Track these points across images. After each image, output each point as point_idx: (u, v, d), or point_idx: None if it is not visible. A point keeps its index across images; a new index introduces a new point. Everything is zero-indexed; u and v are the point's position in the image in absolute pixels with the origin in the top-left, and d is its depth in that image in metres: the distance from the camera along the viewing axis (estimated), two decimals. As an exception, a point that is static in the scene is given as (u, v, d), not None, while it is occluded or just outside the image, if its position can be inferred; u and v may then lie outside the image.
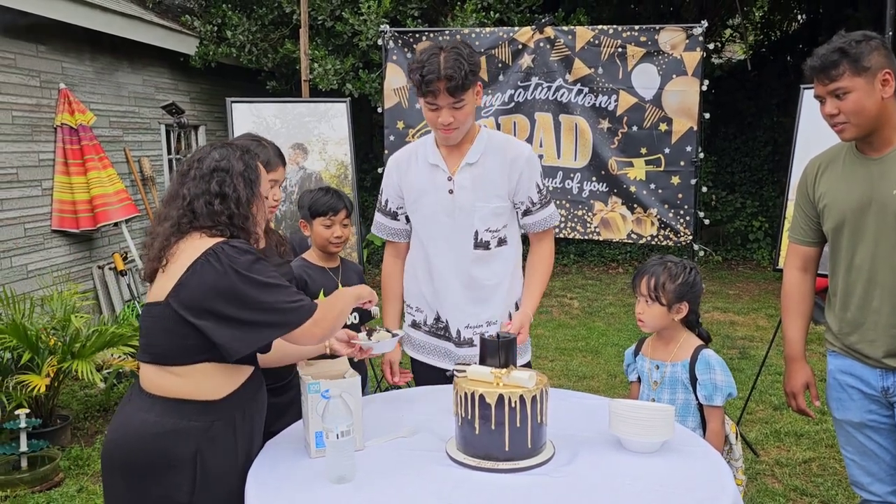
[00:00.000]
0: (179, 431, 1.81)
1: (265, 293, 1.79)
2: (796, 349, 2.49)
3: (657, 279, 2.37)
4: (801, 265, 2.48)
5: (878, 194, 2.18)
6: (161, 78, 7.94)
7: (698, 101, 4.14)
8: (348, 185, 4.65)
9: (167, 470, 1.80)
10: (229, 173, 1.90)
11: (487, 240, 2.54)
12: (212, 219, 1.85)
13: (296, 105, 4.71)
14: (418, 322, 2.72)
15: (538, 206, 2.58)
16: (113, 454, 1.86)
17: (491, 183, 2.51)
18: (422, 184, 2.56)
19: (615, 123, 4.26)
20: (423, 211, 2.57)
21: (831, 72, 2.14)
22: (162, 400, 1.83)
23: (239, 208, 1.88)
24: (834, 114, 2.18)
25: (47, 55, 6.07)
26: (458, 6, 7.55)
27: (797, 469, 3.86)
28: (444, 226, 2.54)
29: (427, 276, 2.62)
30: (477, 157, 2.50)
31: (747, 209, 10.20)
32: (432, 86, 2.31)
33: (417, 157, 2.58)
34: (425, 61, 2.32)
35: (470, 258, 2.54)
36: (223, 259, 1.77)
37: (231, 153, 1.94)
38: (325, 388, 1.94)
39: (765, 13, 13.06)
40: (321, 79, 7.56)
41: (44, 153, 5.97)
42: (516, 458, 1.85)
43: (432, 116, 2.41)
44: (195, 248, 1.80)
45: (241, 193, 1.90)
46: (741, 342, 6.28)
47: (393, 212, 2.67)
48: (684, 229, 4.25)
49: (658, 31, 4.13)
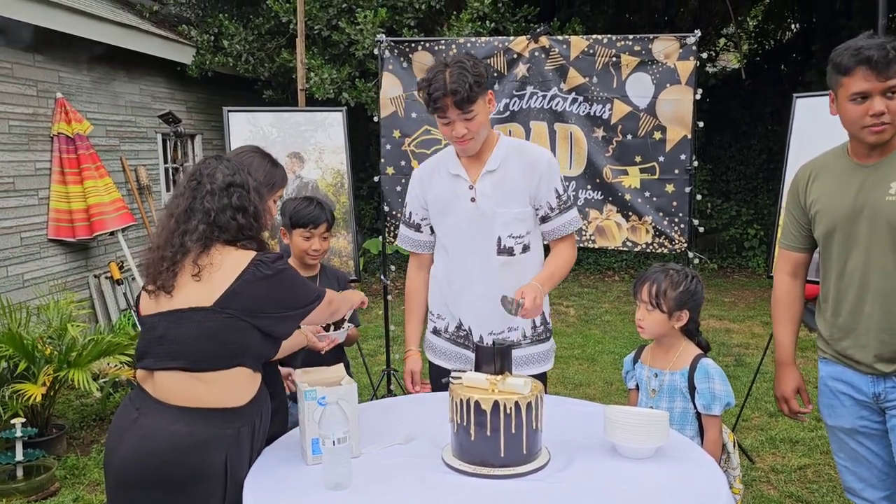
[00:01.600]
0: (212, 440, 1.85)
1: (304, 287, 2.03)
2: (786, 354, 2.51)
3: (659, 286, 2.37)
4: (791, 270, 2.50)
5: (872, 201, 2.18)
6: (158, 87, 7.96)
7: (692, 110, 4.16)
8: (345, 193, 4.67)
9: (201, 481, 1.83)
10: (245, 188, 2.01)
11: (511, 246, 2.56)
12: (239, 232, 1.97)
13: (292, 114, 4.72)
14: (439, 329, 2.74)
15: (556, 211, 2.58)
16: (140, 470, 1.84)
17: (512, 188, 2.54)
18: (445, 195, 2.60)
19: (610, 132, 4.28)
20: (447, 221, 2.61)
21: (893, 67, 2.04)
22: (189, 410, 1.86)
23: (256, 220, 2.02)
24: (882, 112, 2.07)
25: (44, 65, 6.09)
26: (455, 16, 7.59)
27: (792, 476, 3.87)
28: (468, 234, 2.57)
29: (450, 284, 2.65)
30: (497, 164, 2.53)
31: (742, 217, 10.24)
32: (440, 102, 2.37)
33: (440, 170, 2.63)
34: (431, 79, 2.39)
35: (495, 265, 2.56)
36: (271, 268, 1.93)
37: (238, 169, 2.04)
38: (322, 395, 1.95)
39: (759, 22, 13.15)
40: (317, 88, 7.59)
41: (40, 162, 5.98)
42: (512, 464, 1.86)
43: (447, 131, 2.46)
44: (237, 259, 1.92)
45: (258, 207, 2.03)
46: (737, 349, 6.30)
47: (417, 224, 2.73)
48: (679, 237, 4.27)
49: (652, 41, 4.17)
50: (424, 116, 4.44)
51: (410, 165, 4.47)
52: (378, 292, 7.83)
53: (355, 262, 4.71)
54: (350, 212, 4.69)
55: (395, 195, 4.53)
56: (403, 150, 4.47)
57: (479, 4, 7.46)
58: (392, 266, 5.02)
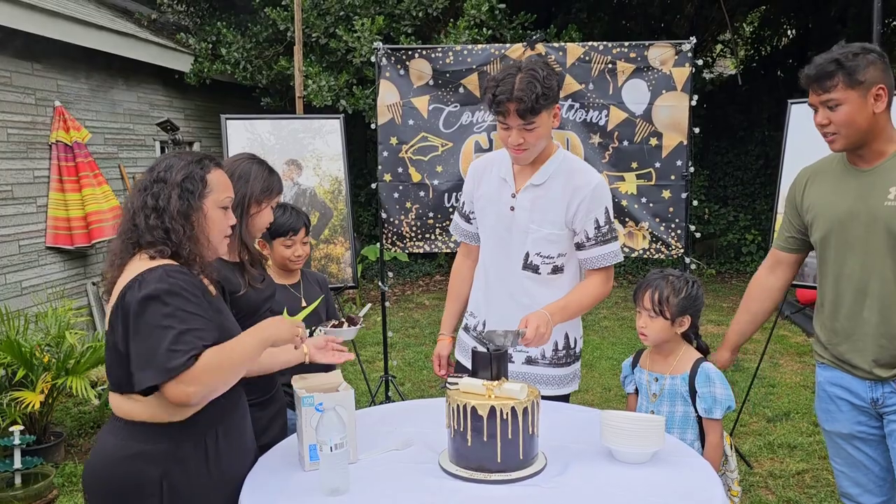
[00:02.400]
0: (145, 455, 1.77)
1: (146, 334, 1.70)
2: (727, 338, 2.63)
3: (661, 293, 2.36)
4: (770, 264, 2.55)
5: (869, 205, 2.19)
6: (156, 95, 7.98)
7: (688, 116, 4.18)
8: (342, 200, 4.68)
9: (136, 495, 1.77)
10: (167, 184, 1.83)
11: (537, 264, 2.50)
12: (151, 234, 1.80)
13: (290, 121, 4.74)
14: (470, 326, 2.71)
15: (592, 242, 2.46)
16: (88, 480, 1.86)
17: (550, 208, 2.46)
18: (490, 195, 2.57)
19: (606, 138, 4.30)
20: (487, 221, 2.59)
21: (825, 82, 2.14)
22: (127, 424, 1.80)
23: (173, 222, 1.81)
24: (824, 124, 2.18)
25: (43, 73, 6.11)
26: (452, 23, 7.61)
27: (790, 481, 3.87)
28: (501, 240, 2.55)
29: (484, 283, 2.64)
30: (543, 179, 2.46)
31: (740, 222, 10.26)
32: (503, 106, 2.29)
33: (493, 168, 2.58)
34: (500, 80, 2.30)
35: (518, 277, 2.53)
36: (137, 288, 1.72)
37: (178, 163, 1.87)
38: (319, 401, 1.95)
39: (755, 29, 13.22)
40: (315, 95, 7.61)
41: (39, 170, 5.99)
42: (508, 469, 1.86)
43: (504, 135, 2.39)
44: (131, 272, 1.77)
45: (174, 205, 1.81)
46: (734, 355, 6.30)
47: (467, 214, 2.70)
48: (676, 243, 4.28)
49: (647, 48, 4.19)
50: (421, 124, 4.46)
51: (408, 172, 4.49)
52: (376, 299, 7.84)
53: (353, 268, 4.72)
54: (348, 219, 4.70)
55: (392, 202, 4.54)
56: (401, 157, 4.49)
57: (476, 12, 7.49)
58: (390, 273, 5.04)
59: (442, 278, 9.57)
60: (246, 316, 2.39)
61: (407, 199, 4.52)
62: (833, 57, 2.14)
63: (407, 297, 8.79)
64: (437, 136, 4.46)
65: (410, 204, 4.52)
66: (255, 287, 2.40)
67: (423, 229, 4.55)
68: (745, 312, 2.59)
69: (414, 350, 6.47)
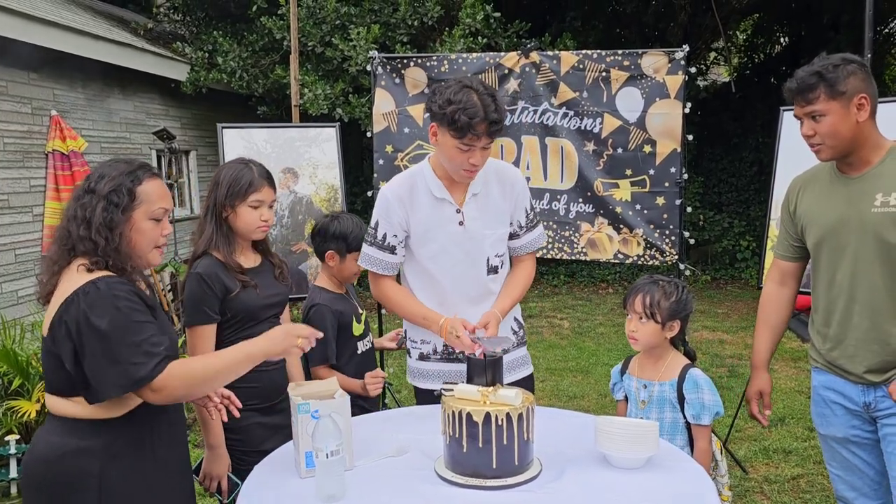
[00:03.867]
0: (83, 451, 1.80)
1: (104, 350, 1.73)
2: (759, 358, 2.58)
3: (652, 297, 2.39)
4: (779, 278, 2.54)
5: (858, 212, 2.22)
6: (152, 104, 8.00)
7: (681, 124, 4.21)
8: (338, 208, 4.69)
9: (72, 491, 1.80)
10: (95, 195, 1.84)
11: (496, 265, 2.59)
12: (82, 244, 1.82)
13: (287, 130, 4.75)
14: (426, 353, 2.68)
15: (525, 229, 2.64)
16: (26, 479, 1.87)
17: (496, 210, 2.56)
18: (430, 219, 2.52)
19: (600, 146, 4.32)
20: (432, 245, 2.53)
21: (807, 95, 2.19)
22: (66, 422, 1.83)
23: (98, 235, 1.81)
24: (810, 135, 2.23)
25: (39, 82, 6.12)
26: (447, 32, 7.65)
27: (786, 486, 3.88)
28: (457, 257, 2.54)
29: (437, 304, 2.55)
30: (480, 187, 2.53)
31: (735, 229, 10.30)
32: (477, 128, 2.27)
33: (418, 190, 2.52)
34: (464, 101, 2.26)
35: (484, 283, 2.58)
36: (82, 303, 1.74)
37: (110, 173, 1.87)
38: (315, 408, 1.96)
39: (748, 36, 13.30)
40: (311, 104, 7.63)
41: (35, 179, 6.00)
42: (504, 475, 1.87)
43: (462, 158, 2.34)
44: (71, 284, 1.78)
45: (98, 217, 1.81)
46: (730, 360, 6.33)
47: (392, 246, 2.56)
48: (670, 249, 4.31)
49: (641, 56, 4.22)
50: (416, 132, 4.48)
51: (403, 180, 4.50)
52: (372, 306, 7.84)
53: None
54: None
55: (388, 210, 4.55)
56: (396, 165, 4.50)
57: (471, 20, 7.53)
58: (386, 280, 5.03)
59: (438, 286, 9.55)
60: (244, 319, 2.40)
61: (403, 207, 4.53)
62: (814, 69, 2.19)
63: (403, 304, 8.82)
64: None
65: (406, 212, 4.53)
66: (251, 288, 2.40)
67: (419, 237, 4.56)
68: (767, 329, 2.57)
69: (410, 357, 6.46)
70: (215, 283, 2.34)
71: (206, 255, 2.39)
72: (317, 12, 7.91)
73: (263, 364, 2.42)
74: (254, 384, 2.41)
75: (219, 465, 2.36)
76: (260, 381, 2.42)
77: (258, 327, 2.43)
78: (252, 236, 2.45)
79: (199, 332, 2.35)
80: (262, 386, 2.44)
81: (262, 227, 2.45)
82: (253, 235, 2.45)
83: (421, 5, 7.78)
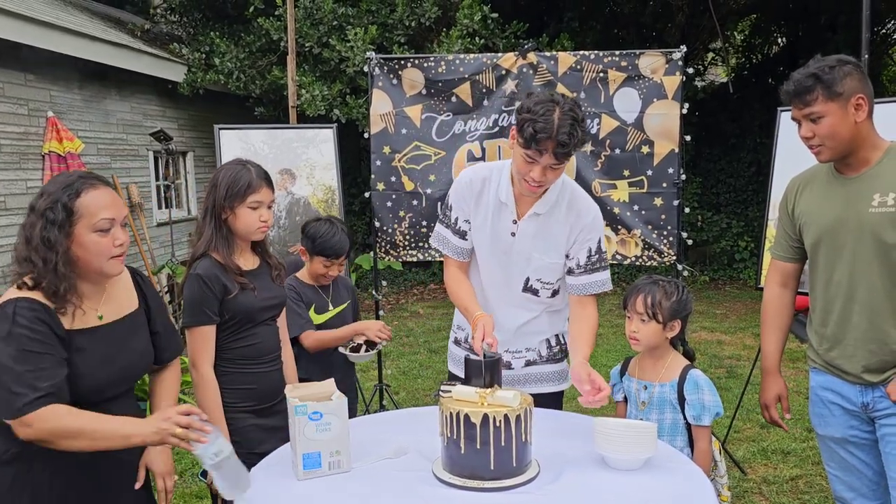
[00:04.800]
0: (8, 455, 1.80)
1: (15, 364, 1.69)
2: (771, 362, 2.56)
3: (653, 297, 2.39)
4: (781, 280, 2.53)
5: (855, 212, 2.22)
6: (149, 105, 7.99)
7: (679, 124, 4.21)
8: (335, 209, 4.69)
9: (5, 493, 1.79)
10: (34, 212, 1.79)
11: (537, 288, 2.53)
12: (23, 266, 1.79)
13: (284, 131, 4.75)
14: (460, 339, 2.72)
15: (582, 270, 2.50)
16: None
17: (552, 238, 2.47)
18: (488, 216, 2.50)
19: (598, 146, 4.32)
20: (482, 243, 2.53)
21: (805, 97, 2.18)
22: None
23: (34, 254, 1.78)
24: (809, 137, 2.22)
25: (35, 84, 6.12)
26: (444, 32, 7.65)
27: (784, 487, 3.88)
28: (500, 262, 2.52)
29: (482, 300, 2.56)
30: (546, 209, 2.45)
31: (733, 229, 10.30)
32: (542, 144, 2.20)
33: (491, 185, 2.50)
34: (539, 115, 2.20)
35: (518, 299, 2.54)
36: None
37: (49, 189, 1.81)
38: (313, 409, 1.96)
39: (746, 37, 13.32)
40: (309, 104, 7.63)
41: (32, 181, 5.98)
42: (502, 476, 1.87)
43: (525, 168, 2.29)
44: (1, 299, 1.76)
45: (36, 237, 1.77)
46: (728, 361, 6.33)
47: (462, 231, 2.56)
48: (668, 250, 4.30)
49: (638, 56, 4.22)
50: (414, 133, 4.47)
51: (401, 181, 4.50)
52: (370, 308, 7.84)
53: (346, 277, 4.72)
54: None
55: (385, 211, 4.55)
56: (393, 166, 4.50)
57: (469, 21, 7.53)
58: (384, 281, 5.04)
59: (436, 287, 9.57)
60: (241, 321, 2.40)
61: (400, 208, 4.53)
62: (810, 71, 2.19)
63: (401, 305, 8.77)
64: (430, 144, 4.48)
65: (404, 213, 4.53)
66: (249, 291, 2.40)
67: (417, 238, 4.56)
68: (775, 332, 2.56)
69: (408, 359, 6.46)
70: (215, 285, 2.33)
71: (206, 256, 2.39)
72: (314, 13, 7.90)
73: (259, 365, 2.44)
74: (250, 386, 2.41)
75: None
76: (256, 382, 2.42)
77: (255, 329, 2.43)
78: (252, 237, 2.45)
79: (199, 333, 2.35)
80: (258, 387, 2.43)
81: (262, 228, 2.45)
82: (252, 236, 2.45)
83: (418, 6, 7.78)
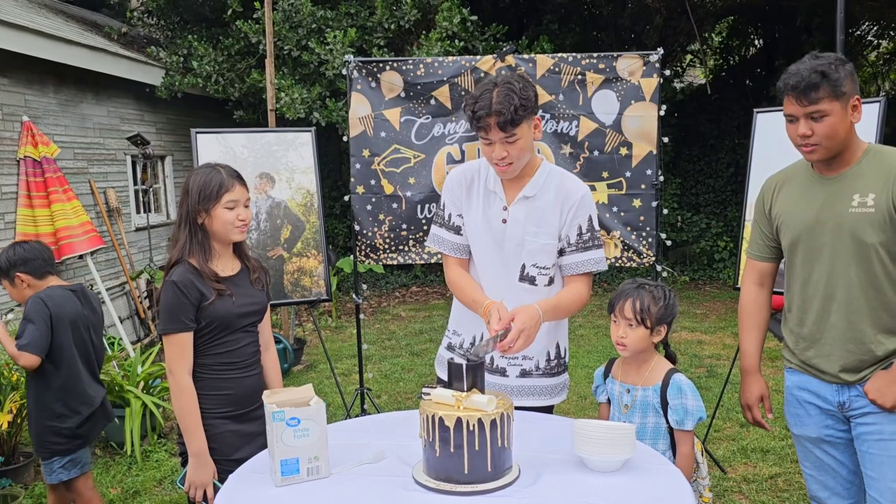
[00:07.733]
0: None
1: None
2: (751, 362, 2.56)
3: (642, 302, 2.37)
4: (758, 280, 2.54)
5: (834, 212, 2.22)
6: (126, 109, 7.92)
7: (657, 126, 4.23)
8: (315, 213, 4.67)
9: None
10: None
11: (534, 275, 2.51)
12: None
13: (263, 134, 4.72)
14: (454, 345, 2.70)
15: (574, 248, 2.51)
16: None
17: (544, 219, 2.48)
18: (479, 207, 2.54)
19: (577, 148, 4.34)
20: (475, 235, 2.55)
21: (811, 94, 2.12)
22: None
23: None
24: (808, 135, 2.17)
25: (10, 88, 6.04)
26: (424, 35, 7.65)
27: (764, 485, 3.91)
28: (493, 254, 2.52)
29: None
30: (535, 192, 2.47)
31: (712, 229, 10.39)
32: (483, 122, 2.31)
33: (480, 177, 2.56)
34: (478, 97, 2.32)
35: (515, 290, 2.51)
36: None
37: None
38: (291, 415, 1.94)
39: (723, 39, 13.43)
40: (288, 108, 7.59)
41: (7, 186, 5.91)
42: (476, 481, 1.86)
43: (487, 151, 2.38)
44: None
45: None
46: (708, 361, 6.37)
47: (457, 226, 2.60)
48: (647, 251, 4.33)
49: (616, 59, 4.24)
50: (393, 136, 4.47)
51: (380, 184, 4.49)
52: (351, 311, 7.81)
53: (326, 281, 4.70)
54: (320, 232, 4.69)
55: (365, 214, 4.54)
56: (373, 170, 4.49)
57: (448, 24, 7.53)
58: (364, 285, 5.02)
59: (418, 290, 9.57)
60: (218, 328, 2.38)
61: (380, 212, 4.52)
62: (816, 67, 2.13)
63: (383, 308, 8.78)
64: (410, 147, 4.47)
65: (384, 216, 4.52)
66: (227, 297, 2.38)
67: (397, 241, 4.55)
68: (753, 332, 2.55)
69: (390, 362, 6.46)
70: (190, 291, 2.31)
71: (182, 262, 2.36)
72: (293, 16, 7.87)
73: (237, 370, 2.41)
74: (227, 391, 2.39)
75: (203, 472, 2.32)
76: (233, 387, 2.40)
77: (234, 336, 2.41)
78: (231, 237, 2.42)
79: (175, 340, 2.32)
80: (235, 393, 2.41)
81: (241, 228, 2.42)
82: (232, 235, 2.41)
83: (398, 9, 7.77)
